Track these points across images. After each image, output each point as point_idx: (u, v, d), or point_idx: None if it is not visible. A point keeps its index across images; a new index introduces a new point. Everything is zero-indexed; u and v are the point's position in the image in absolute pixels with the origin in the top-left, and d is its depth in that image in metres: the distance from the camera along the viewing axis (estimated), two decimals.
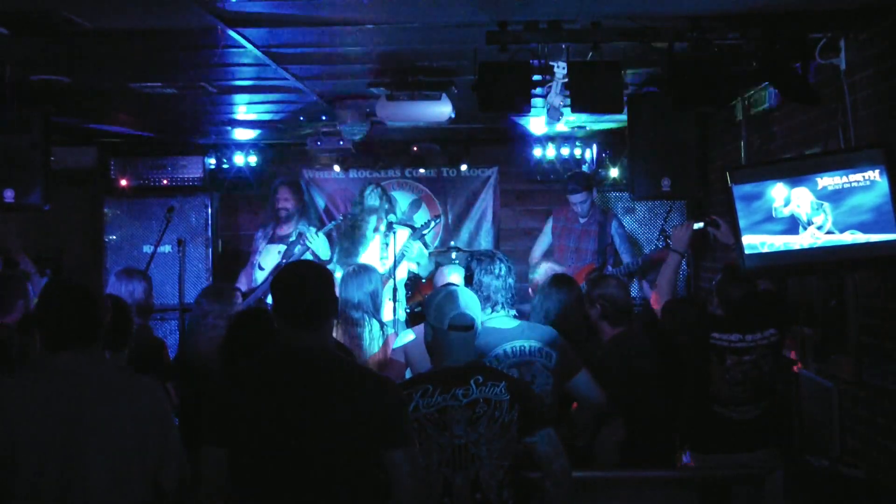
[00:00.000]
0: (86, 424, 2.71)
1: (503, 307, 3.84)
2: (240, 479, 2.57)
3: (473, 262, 3.92)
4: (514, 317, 3.91)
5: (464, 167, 8.65)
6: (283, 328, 2.70)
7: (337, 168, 8.67)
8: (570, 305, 4.33)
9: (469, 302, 3.15)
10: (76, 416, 2.71)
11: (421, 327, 4.57)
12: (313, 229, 6.93)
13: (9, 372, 3.70)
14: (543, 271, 5.06)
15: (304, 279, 2.71)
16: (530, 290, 5.20)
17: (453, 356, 3.10)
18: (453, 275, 4.80)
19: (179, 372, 4.30)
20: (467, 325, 3.10)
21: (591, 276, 5.09)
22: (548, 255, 7.09)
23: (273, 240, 7.11)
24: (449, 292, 3.17)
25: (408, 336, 4.59)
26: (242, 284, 6.87)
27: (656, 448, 4.16)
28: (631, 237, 7.38)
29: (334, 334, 4.56)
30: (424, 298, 3.29)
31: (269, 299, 5.09)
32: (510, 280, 3.87)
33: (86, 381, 2.76)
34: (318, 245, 6.70)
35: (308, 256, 6.74)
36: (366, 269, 4.92)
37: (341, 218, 6.88)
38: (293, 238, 6.86)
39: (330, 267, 6.62)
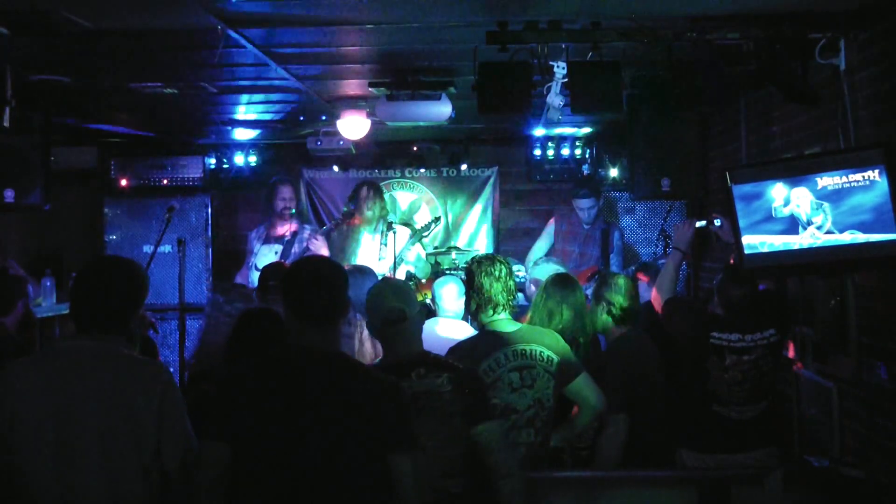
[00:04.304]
0: (77, 409, 2.71)
1: (504, 309, 3.83)
2: (242, 479, 2.55)
3: (474, 265, 3.92)
4: (517, 318, 3.91)
5: (464, 167, 8.65)
6: (293, 325, 2.66)
7: (337, 168, 8.67)
8: (573, 305, 4.32)
9: (397, 293, 3.17)
10: (69, 401, 2.72)
11: None
12: (309, 228, 6.94)
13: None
14: (544, 270, 5.04)
15: (320, 277, 2.67)
16: (532, 286, 5.18)
17: (395, 350, 3.14)
18: (447, 286, 4.80)
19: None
20: (398, 318, 3.12)
21: (597, 275, 5.07)
22: (548, 256, 7.10)
23: (267, 240, 7.12)
24: (376, 290, 3.21)
25: None
26: None
27: (657, 448, 4.16)
28: (628, 250, 7.40)
29: None
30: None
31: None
32: (511, 282, 3.85)
33: (83, 366, 2.76)
34: (318, 245, 6.70)
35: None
36: (361, 271, 4.92)
37: (340, 217, 6.87)
38: (288, 238, 6.87)
39: None
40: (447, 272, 6.69)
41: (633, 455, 4.04)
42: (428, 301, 5.25)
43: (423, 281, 6.89)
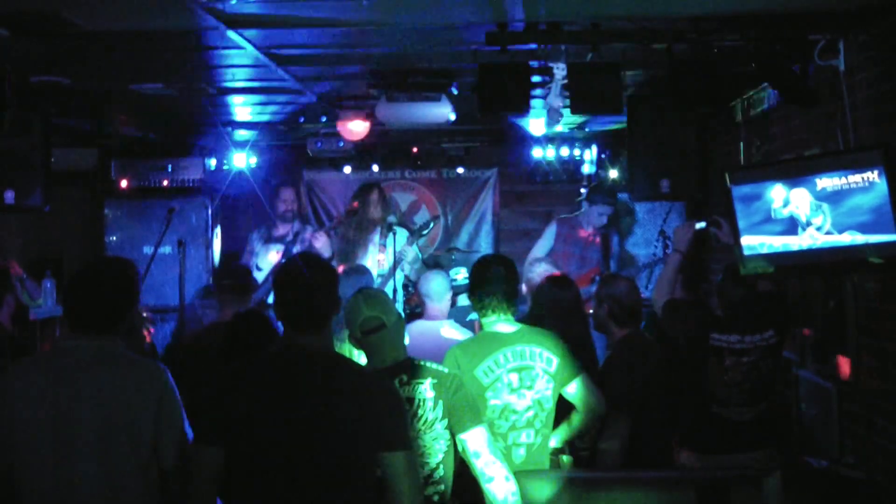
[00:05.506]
0: (75, 409, 2.72)
1: (498, 311, 3.80)
2: (238, 479, 2.56)
3: (473, 265, 3.92)
4: (517, 319, 3.90)
5: (463, 168, 8.66)
6: (285, 326, 2.67)
7: (338, 169, 8.68)
8: (569, 306, 4.32)
9: (372, 303, 3.16)
10: (67, 400, 2.73)
11: (413, 327, 4.58)
12: (310, 228, 6.94)
13: (2, 365, 3.72)
14: (540, 271, 5.04)
15: (308, 277, 2.66)
16: (524, 289, 5.17)
17: (378, 358, 3.15)
18: (436, 281, 4.80)
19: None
20: (376, 327, 3.12)
21: (599, 276, 5.06)
22: (547, 258, 7.09)
23: (269, 240, 7.12)
24: (352, 300, 3.19)
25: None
26: None
27: (657, 449, 4.16)
28: (625, 256, 7.39)
29: None
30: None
31: (270, 299, 5.12)
32: (507, 285, 3.81)
33: (81, 366, 2.77)
34: (321, 243, 6.71)
35: None
36: (359, 270, 4.92)
37: (344, 214, 6.87)
38: (290, 238, 6.88)
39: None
40: (430, 268, 6.67)
41: (634, 456, 4.04)
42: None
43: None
